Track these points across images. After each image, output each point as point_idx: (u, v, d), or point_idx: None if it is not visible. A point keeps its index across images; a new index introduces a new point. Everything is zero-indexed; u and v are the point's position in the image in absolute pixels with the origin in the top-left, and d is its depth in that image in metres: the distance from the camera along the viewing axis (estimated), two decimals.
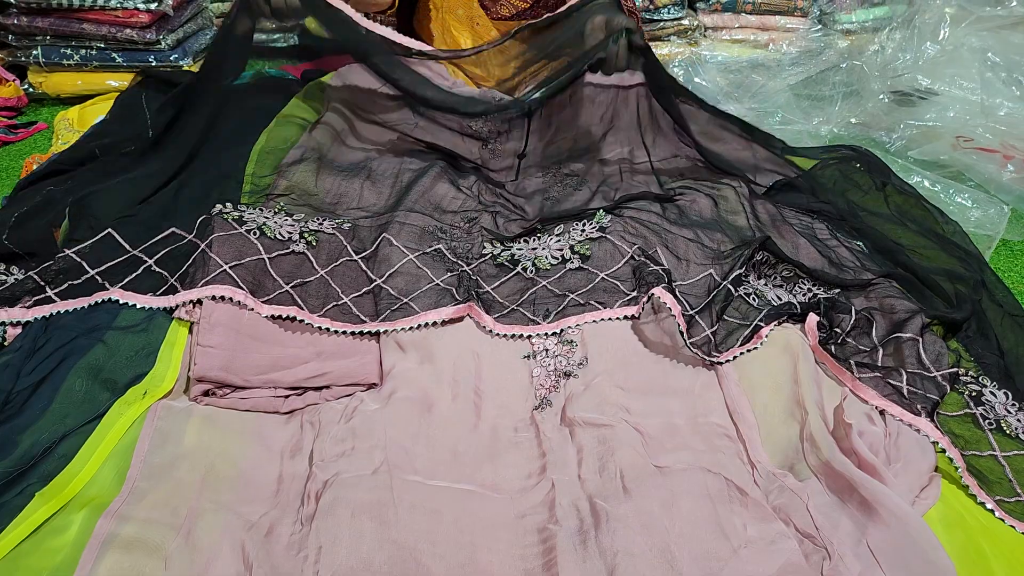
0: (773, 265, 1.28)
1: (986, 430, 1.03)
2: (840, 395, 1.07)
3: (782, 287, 1.25)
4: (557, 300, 1.20)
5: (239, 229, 1.19)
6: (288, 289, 1.16)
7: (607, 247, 1.26)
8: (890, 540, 0.85)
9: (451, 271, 1.22)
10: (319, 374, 1.06)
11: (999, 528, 0.93)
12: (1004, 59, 2.11)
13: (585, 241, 1.27)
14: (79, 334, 1.06)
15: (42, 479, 0.89)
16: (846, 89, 2.19)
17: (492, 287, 1.22)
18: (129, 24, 2.12)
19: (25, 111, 2.19)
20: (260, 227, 1.21)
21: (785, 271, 1.27)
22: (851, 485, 0.92)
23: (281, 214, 1.28)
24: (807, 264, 1.26)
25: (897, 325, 1.15)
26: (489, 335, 1.15)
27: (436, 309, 1.15)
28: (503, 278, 1.24)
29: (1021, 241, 1.72)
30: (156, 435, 0.95)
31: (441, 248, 1.27)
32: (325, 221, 1.30)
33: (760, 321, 1.14)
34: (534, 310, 1.18)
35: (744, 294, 1.21)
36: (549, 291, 1.21)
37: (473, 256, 1.28)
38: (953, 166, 1.93)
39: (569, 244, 1.28)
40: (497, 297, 1.21)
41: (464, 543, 0.87)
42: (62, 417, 0.96)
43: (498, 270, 1.26)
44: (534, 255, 1.27)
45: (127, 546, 0.82)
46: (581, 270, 1.24)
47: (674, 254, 1.28)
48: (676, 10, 2.42)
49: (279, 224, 1.24)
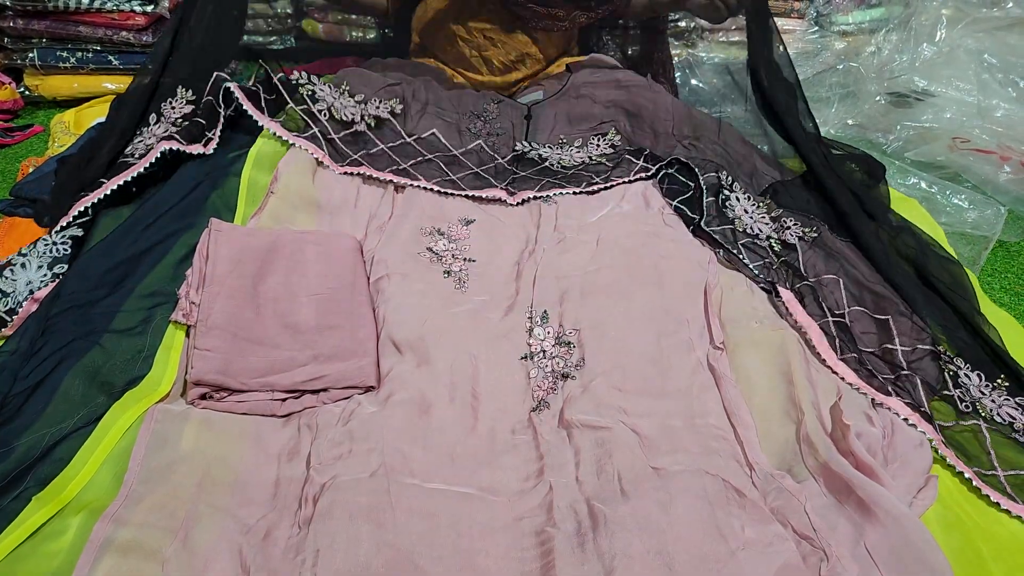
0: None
1: (962, 411, 1.07)
2: (835, 394, 1.07)
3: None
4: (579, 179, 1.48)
5: (312, 107, 1.49)
6: (356, 156, 1.47)
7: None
8: (887, 541, 0.85)
9: (487, 163, 1.52)
10: (316, 377, 1.06)
11: (997, 529, 0.93)
12: (1001, 60, 2.11)
13: (600, 156, 1.56)
14: (76, 337, 1.06)
15: (39, 483, 0.88)
16: (843, 91, 2.19)
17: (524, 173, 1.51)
18: (125, 27, 2.12)
19: (21, 114, 2.19)
20: (329, 108, 1.49)
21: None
22: (849, 486, 0.92)
23: (344, 95, 1.53)
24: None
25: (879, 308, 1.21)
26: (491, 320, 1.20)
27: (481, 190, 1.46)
28: (531, 169, 1.52)
29: (1018, 242, 1.72)
30: (153, 438, 0.95)
31: (481, 143, 1.56)
32: (381, 103, 1.54)
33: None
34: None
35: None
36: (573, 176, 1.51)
37: (506, 152, 1.56)
38: (950, 167, 1.94)
39: (588, 155, 1.56)
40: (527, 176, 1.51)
41: (462, 547, 0.87)
42: (59, 420, 0.95)
43: (528, 164, 1.53)
44: (559, 155, 1.54)
45: (124, 550, 0.81)
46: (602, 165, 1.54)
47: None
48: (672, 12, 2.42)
49: (344, 105, 1.50)
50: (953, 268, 1.32)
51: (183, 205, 1.33)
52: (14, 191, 1.61)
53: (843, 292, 1.24)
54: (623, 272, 1.27)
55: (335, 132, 1.48)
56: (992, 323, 1.22)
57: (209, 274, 1.12)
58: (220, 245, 1.16)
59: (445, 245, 1.34)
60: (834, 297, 1.25)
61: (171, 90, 1.50)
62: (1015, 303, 1.55)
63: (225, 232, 1.18)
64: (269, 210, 1.32)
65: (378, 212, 1.41)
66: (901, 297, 1.23)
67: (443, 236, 1.36)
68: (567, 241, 1.35)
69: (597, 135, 1.60)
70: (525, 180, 1.49)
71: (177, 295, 1.15)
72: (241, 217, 1.34)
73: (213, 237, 1.17)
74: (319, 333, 1.12)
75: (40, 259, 1.21)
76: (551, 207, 1.44)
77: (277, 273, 1.18)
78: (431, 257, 1.31)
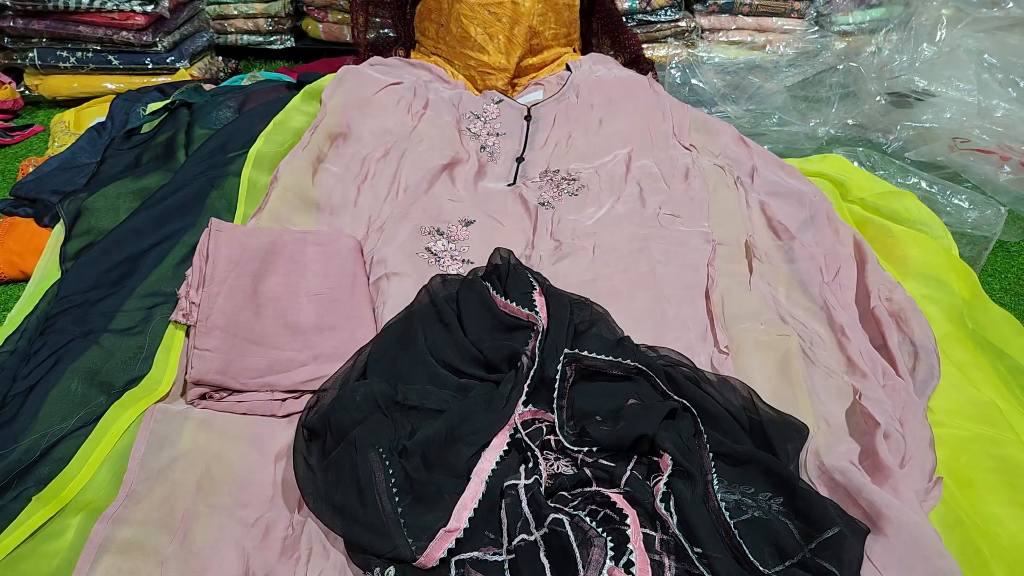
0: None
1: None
2: (855, 393, 1.06)
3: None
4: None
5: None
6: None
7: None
8: (895, 553, 0.84)
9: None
10: (316, 377, 1.06)
11: (997, 530, 0.93)
12: (1000, 60, 2.11)
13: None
14: (75, 337, 1.06)
15: (39, 483, 0.88)
16: (843, 91, 2.19)
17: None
18: (125, 26, 2.12)
19: (21, 114, 2.19)
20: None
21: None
22: (851, 496, 0.91)
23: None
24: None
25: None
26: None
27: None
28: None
29: (1018, 242, 1.72)
30: (152, 438, 0.95)
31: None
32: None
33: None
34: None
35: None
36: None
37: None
38: (950, 167, 1.94)
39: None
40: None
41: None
42: (59, 420, 0.95)
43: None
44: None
45: (124, 549, 0.81)
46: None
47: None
48: (673, 12, 2.42)
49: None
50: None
51: (183, 205, 1.33)
52: (14, 191, 1.61)
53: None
54: (620, 279, 1.27)
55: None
56: (992, 323, 1.21)
57: (209, 274, 1.12)
58: (220, 245, 1.15)
59: (444, 245, 1.33)
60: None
61: None
62: (1015, 303, 1.55)
63: (225, 232, 1.18)
64: (269, 210, 1.32)
65: (378, 212, 1.41)
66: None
67: (443, 236, 1.36)
68: (564, 246, 1.35)
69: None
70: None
71: (177, 295, 1.15)
72: (241, 217, 1.33)
73: (213, 237, 1.17)
74: (319, 333, 1.12)
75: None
76: (548, 212, 1.44)
77: (277, 273, 1.18)
78: (430, 258, 1.30)
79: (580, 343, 1.06)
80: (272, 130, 1.54)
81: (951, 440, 1.04)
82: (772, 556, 0.83)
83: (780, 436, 0.97)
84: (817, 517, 0.85)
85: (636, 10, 2.38)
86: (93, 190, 1.41)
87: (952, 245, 1.45)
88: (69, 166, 1.66)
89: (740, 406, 1.02)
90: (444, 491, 0.88)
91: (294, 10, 2.50)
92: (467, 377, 1.05)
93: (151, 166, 1.52)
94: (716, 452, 0.93)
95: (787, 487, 0.90)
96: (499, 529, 0.86)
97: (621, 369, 1.04)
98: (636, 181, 1.51)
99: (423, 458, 0.90)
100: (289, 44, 2.53)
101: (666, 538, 0.84)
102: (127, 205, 1.37)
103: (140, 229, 1.27)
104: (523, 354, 1.02)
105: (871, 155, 1.82)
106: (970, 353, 1.20)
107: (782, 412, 1.01)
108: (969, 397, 1.11)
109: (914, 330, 1.18)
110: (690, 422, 0.97)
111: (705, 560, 0.81)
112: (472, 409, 0.97)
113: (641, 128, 1.64)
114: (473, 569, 0.82)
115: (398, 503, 0.85)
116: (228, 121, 1.63)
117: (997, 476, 0.99)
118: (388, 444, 0.89)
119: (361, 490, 0.86)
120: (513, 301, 1.11)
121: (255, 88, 1.83)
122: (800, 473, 0.96)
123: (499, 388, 1.00)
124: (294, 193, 1.37)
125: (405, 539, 0.82)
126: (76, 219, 1.35)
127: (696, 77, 2.24)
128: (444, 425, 0.93)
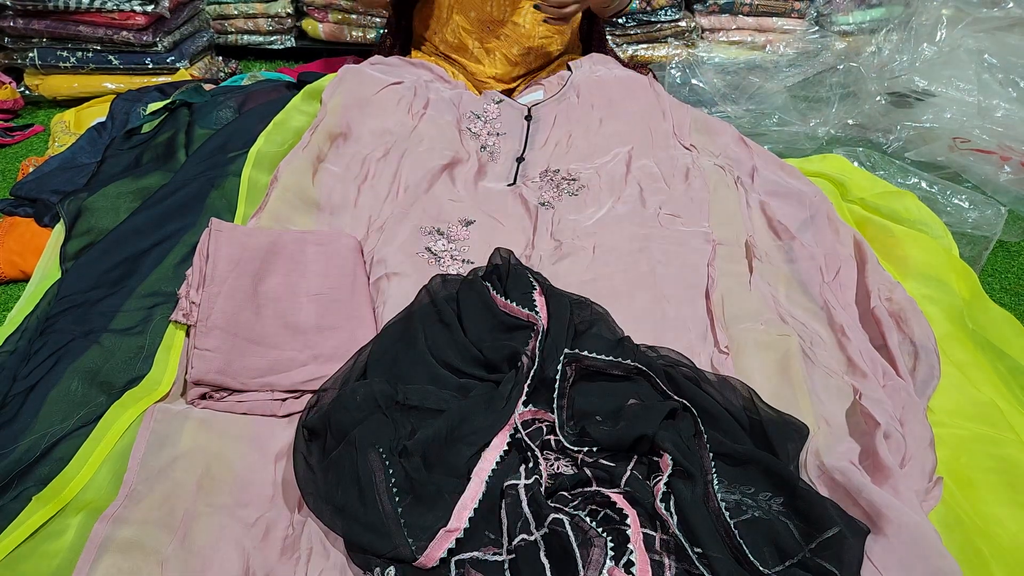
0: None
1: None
2: (855, 393, 1.06)
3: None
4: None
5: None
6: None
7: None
8: (895, 554, 0.84)
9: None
10: (316, 377, 1.06)
11: (997, 530, 0.93)
12: (1001, 60, 2.11)
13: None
14: (75, 337, 1.06)
15: (38, 482, 0.88)
16: (843, 91, 2.19)
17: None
18: (126, 26, 2.12)
19: (21, 114, 2.19)
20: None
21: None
22: (851, 496, 0.91)
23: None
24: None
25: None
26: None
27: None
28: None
29: (1018, 242, 1.72)
30: (152, 438, 0.95)
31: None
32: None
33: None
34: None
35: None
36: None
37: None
38: (950, 167, 1.94)
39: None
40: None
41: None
42: (59, 420, 0.95)
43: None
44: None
45: (124, 549, 0.81)
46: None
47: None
48: (673, 12, 2.43)
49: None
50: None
51: (183, 205, 1.33)
52: (14, 191, 1.61)
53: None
54: (621, 279, 1.27)
55: None
56: (992, 323, 1.21)
57: (209, 274, 1.12)
58: (220, 245, 1.16)
59: (444, 245, 1.33)
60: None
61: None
62: (1015, 303, 1.55)
63: (225, 232, 1.18)
64: (269, 210, 1.32)
65: (378, 212, 1.41)
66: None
67: (443, 236, 1.36)
68: (564, 246, 1.35)
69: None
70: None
71: (177, 295, 1.15)
72: (241, 217, 1.33)
73: (213, 237, 1.17)
74: (319, 333, 1.12)
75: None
76: (548, 212, 1.44)
77: (277, 273, 1.18)
78: (430, 258, 1.30)
79: (580, 343, 1.06)
80: (272, 130, 1.54)
81: (951, 440, 1.04)
82: (772, 556, 0.83)
83: (780, 436, 0.97)
84: (817, 517, 0.85)
85: (636, 10, 2.38)
86: (93, 190, 1.41)
87: (952, 245, 1.45)
88: (69, 166, 1.66)
89: (740, 406, 1.02)
90: (444, 491, 0.88)
91: (294, 10, 2.51)
92: (467, 377, 1.05)
93: (151, 166, 1.52)
94: (716, 452, 0.94)
95: (787, 487, 0.90)
96: (499, 529, 0.86)
97: (621, 369, 1.04)
98: (636, 181, 1.51)
99: (423, 458, 0.90)
100: (289, 44, 2.53)
101: (666, 538, 0.84)
102: (127, 205, 1.37)
103: (140, 229, 1.27)
104: (523, 354, 1.03)
105: (871, 155, 1.82)
106: (970, 353, 1.20)
107: (782, 412, 1.01)
108: (969, 397, 1.11)
109: (914, 330, 1.18)
110: (690, 422, 0.97)
111: (705, 560, 0.81)
112: (472, 409, 0.97)
113: (641, 128, 1.64)
114: (473, 569, 0.82)
115: (398, 503, 0.85)
116: (228, 121, 1.63)
117: (997, 476, 0.99)
118: (388, 444, 0.89)
119: (361, 490, 0.86)
120: (513, 301, 1.11)
121: (255, 88, 1.83)
122: (800, 473, 0.96)
123: (499, 388, 1.00)
124: (294, 193, 1.37)
125: (405, 539, 0.83)
126: (76, 219, 1.35)
127: (696, 77, 2.25)
128: (444, 425, 0.93)
